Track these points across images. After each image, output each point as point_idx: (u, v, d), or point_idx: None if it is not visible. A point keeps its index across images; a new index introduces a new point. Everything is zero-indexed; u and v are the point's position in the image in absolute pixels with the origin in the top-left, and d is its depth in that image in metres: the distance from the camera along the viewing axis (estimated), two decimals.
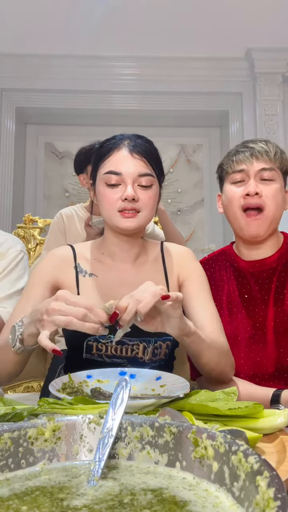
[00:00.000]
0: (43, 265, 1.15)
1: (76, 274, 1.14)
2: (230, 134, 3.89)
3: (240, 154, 1.18)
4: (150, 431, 0.52)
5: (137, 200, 1.06)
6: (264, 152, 1.17)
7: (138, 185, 1.08)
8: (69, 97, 3.83)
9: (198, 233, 4.06)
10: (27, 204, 4.01)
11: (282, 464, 0.61)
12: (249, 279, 1.25)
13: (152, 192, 1.09)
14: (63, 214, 2.11)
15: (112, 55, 3.69)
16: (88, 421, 0.54)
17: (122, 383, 0.57)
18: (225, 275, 1.29)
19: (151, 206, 1.09)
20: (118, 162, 1.08)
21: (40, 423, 0.53)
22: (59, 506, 0.41)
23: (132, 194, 1.05)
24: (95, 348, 1.07)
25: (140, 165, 1.07)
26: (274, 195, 1.17)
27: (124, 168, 1.07)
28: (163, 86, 3.79)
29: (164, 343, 1.10)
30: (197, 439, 0.48)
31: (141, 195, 1.07)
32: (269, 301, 1.21)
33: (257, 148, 1.16)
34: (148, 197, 1.08)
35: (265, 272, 1.24)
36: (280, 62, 3.71)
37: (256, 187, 1.15)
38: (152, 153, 1.12)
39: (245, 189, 1.16)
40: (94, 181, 1.15)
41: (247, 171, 1.17)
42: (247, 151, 1.17)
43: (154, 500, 0.42)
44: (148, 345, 1.08)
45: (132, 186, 1.06)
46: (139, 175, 1.07)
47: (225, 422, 0.74)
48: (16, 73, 3.74)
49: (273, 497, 0.34)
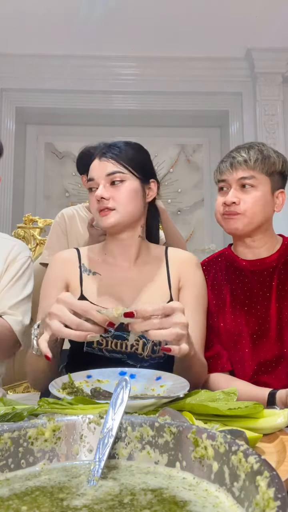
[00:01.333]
0: (51, 271, 1.20)
1: (80, 273, 1.18)
2: (230, 134, 3.89)
3: (222, 164, 1.26)
4: (150, 431, 0.52)
5: (107, 198, 1.12)
6: (243, 162, 1.22)
7: (110, 184, 1.14)
8: (69, 97, 3.83)
9: (198, 233, 4.06)
10: (27, 204, 4.02)
11: (282, 464, 0.61)
12: (250, 277, 1.29)
13: (124, 187, 1.14)
14: (65, 214, 2.11)
15: (112, 55, 3.70)
16: (88, 421, 0.54)
17: (122, 383, 0.57)
18: (226, 275, 1.32)
19: (126, 201, 1.13)
20: (92, 170, 1.17)
21: (40, 423, 0.53)
22: (59, 506, 0.41)
23: (99, 194, 1.11)
24: (96, 342, 1.10)
25: (106, 166, 1.14)
26: (254, 202, 1.22)
27: (94, 173, 1.15)
28: (163, 86, 3.79)
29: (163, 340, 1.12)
30: (197, 439, 0.48)
31: (113, 193, 1.13)
32: (271, 298, 1.25)
33: (237, 158, 1.23)
34: (120, 193, 1.13)
35: (265, 270, 1.28)
36: (280, 62, 3.71)
37: (234, 197, 1.22)
38: (124, 152, 1.17)
39: (224, 198, 1.24)
40: None
41: (228, 181, 1.24)
42: (228, 161, 1.24)
43: (154, 500, 0.42)
44: (148, 341, 1.11)
45: (103, 187, 1.13)
46: (107, 175, 1.14)
47: (225, 422, 0.74)
48: (16, 73, 3.74)
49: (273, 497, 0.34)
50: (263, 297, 1.26)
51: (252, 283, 1.28)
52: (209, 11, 3.18)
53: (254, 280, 1.28)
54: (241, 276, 1.30)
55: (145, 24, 3.30)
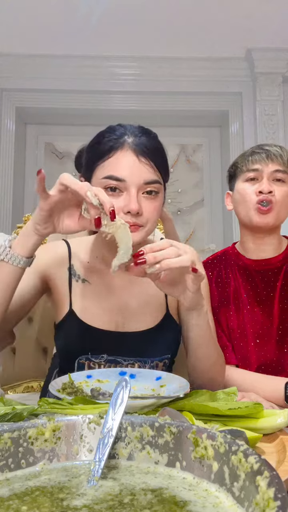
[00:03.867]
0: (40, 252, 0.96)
1: (69, 276, 1.06)
2: (230, 134, 3.88)
3: (256, 155, 1.26)
4: (150, 431, 0.52)
5: (141, 214, 0.93)
6: (278, 155, 1.25)
7: (143, 193, 0.94)
8: (69, 97, 3.82)
9: (198, 233, 4.06)
10: (27, 204, 4.01)
11: (282, 464, 0.61)
12: (254, 276, 1.30)
13: (158, 201, 0.97)
14: None
15: (112, 55, 3.69)
16: (88, 421, 0.54)
17: (122, 383, 0.57)
18: (231, 273, 1.34)
19: (155, 217, 0.97)
20: (121, 166, 0.93)
21: (40, 423, 0.53)
22: (59, 506, 0.41)
23: (136, 208, 0.91)
24: (87, 367, 1.01)
25: (147, 171, 0.93)
26: (284, 196, 1.25)
27: (129, 174, 0.92)
28: (163, 86, 3.79)
29: (161, 362, 1.05)
30: (197, 439, 0.48)
31: (146, 207, 0.94)
32: (274, 298, 1.27)
33: (272, 151, 1.25)
34: (154, 208, 0.95)
35: (270, 271, 1.30)
36: (280, 62, 3.71)
37: (270, 186, 1.23)
38: (160, 153, 0.99)
39: (259, 186, 1.24)
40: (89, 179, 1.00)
41: (261, 171, 1.25)
42: (263, 153, 1.26)
43: (154, 500, 0.42)
44: (144, 366, 1.03)
45: (136, 197, 0.92)
46: (145, 183, 0.93)
47: (225, 422, 0.74)
48: (16, 73, 3.73)
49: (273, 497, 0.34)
50: (266, 296, 1.27)
51: (256, 282, 1.29)
52: (209, 11, 3.18)
53: (258, 279, 1.29)
54: (245, 275, 1.31)
55: (145, 24, 3.30)
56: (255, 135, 3.73)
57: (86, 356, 1.02)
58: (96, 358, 1.01)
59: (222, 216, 4.01)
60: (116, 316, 1.05)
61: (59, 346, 1.10)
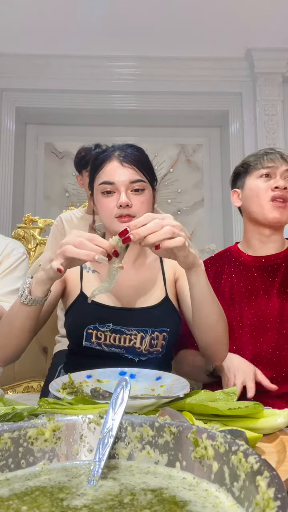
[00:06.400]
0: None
1: (80, 269, 1.22)
2: (230, 134, 3.88)
3: (271, 155, 1.37)
4: (150, 431, 0.52)
5: (131, 206, 1.14)
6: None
7: (131, 191, 1.15)
8: (69, 97, 3.82)
9: (198, 233, 4.06)
10: (27, 204, 4.01)
11: (282, 464, 0.61)
12: (252, 272, 1.37)
13: (144, 196, 1.17)
14: (63, 218, 2.13)
15: (112, 55, 3.69)
16: (88, 421, 0.54)
17: (122, 383, 0.57)
18: (228, 269, 1.41)
19: (144, 210, 1.15)
20: (110, 173, 1.16)
21: (40, 423, 0.53)
22: (59, 506, 0.41)
23: (126, 201, 1.12)
24: (95, 337, 1.12)
25: (130, 173, 1.15)
26: None
27: (116, 177, 1.15)
28: (163, 86, 3.79)
29: (160, 334, 1.15)
30: (197, 439, 0.48)
31: (135, 201, 1.15)
32: (272, 293, 1.33)
33: (284, 153, 1.37)
34: (141, 202, 1.16)
35: (270, 267, 1.36)
36: (280, 62, 3.71)
37: (286, 183, 1.33)
38: (142, 160, 1.19)
39: (275, 182, 1.33)
40: (92, 191, 1.23)
41: (275, 169, 1.34)
42: (277, 153, 1.37)
43: (154, 500, 0.42)
44: (146, 335, 1.13)
45: (125, 193, 1.14)
46: (130, 182, 1.15)
47: (225, 422, 0.74)
48: (16, 73, 3.73)
49: (273, 497, 0.34)
50: (264, 291, 1.33)
51: (254, 277, 1.36)
52: (209, 11, 3.18)
53: (257, 274, 1.36)
54: (244, 270, 1.38)
55: (145, 24, 3.30)
56: (255, 135, 3.73)
57: (94, 325, 1.13)
58: (102, 327, 1.13)
59: (222, 216, 4.01)
60: (121, 297, 1.19)
61: (69, 324, 1.19)
